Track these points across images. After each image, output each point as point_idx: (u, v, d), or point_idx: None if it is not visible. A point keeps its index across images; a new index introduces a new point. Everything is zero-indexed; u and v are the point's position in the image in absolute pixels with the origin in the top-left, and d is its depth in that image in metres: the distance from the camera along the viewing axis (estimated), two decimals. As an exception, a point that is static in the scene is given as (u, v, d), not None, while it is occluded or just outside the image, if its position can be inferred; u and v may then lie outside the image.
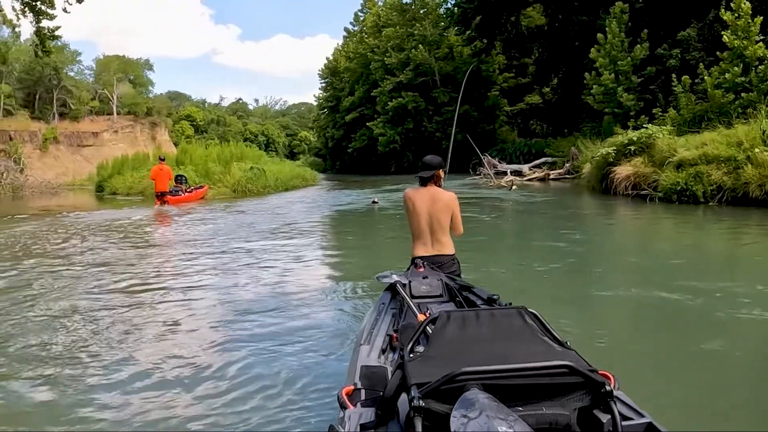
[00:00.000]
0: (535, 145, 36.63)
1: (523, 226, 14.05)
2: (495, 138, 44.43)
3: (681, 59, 24.46)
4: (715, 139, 15.86)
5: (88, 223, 15.65)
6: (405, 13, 51.10)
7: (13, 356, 5.00)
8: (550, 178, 28.62)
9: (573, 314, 5.85)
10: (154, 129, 62.45)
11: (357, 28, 62.92)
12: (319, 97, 75.95)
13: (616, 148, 18.94)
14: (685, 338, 5.21)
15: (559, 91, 40.70)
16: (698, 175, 15.19)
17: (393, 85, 48.81)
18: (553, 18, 39.47)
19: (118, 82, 61.50)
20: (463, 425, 1.83)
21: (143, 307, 6.67)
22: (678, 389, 4.14)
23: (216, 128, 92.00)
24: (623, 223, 14.16)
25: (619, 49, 25.60)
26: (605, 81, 25.74)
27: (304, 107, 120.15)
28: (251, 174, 27.01)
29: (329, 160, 70.00)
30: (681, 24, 25.39)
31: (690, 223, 13.09)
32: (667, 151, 16.74)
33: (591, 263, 8.76)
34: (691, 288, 6.70)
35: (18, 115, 50.17)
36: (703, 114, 18.64)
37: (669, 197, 15.62)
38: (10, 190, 34.22)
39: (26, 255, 10.44)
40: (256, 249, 10.73)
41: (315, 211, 19.07)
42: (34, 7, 24.77)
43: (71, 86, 56.31)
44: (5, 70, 49.76)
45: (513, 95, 47.61)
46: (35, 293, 7.29)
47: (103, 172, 34.10)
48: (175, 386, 4.34)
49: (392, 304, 4.23)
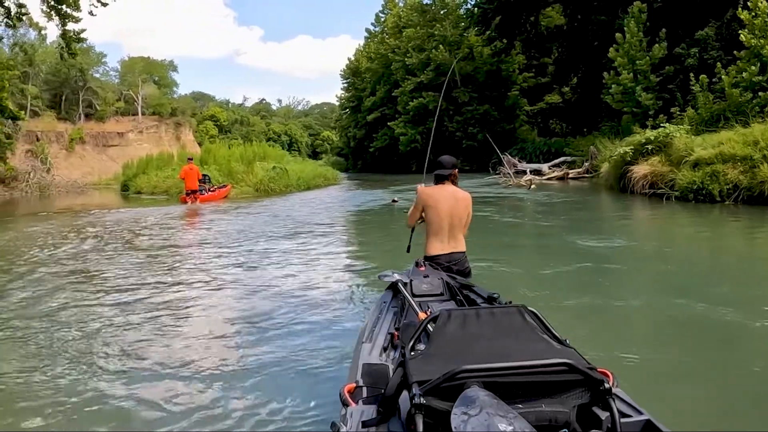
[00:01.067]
0: (555, 144, 36.55)
1: (540, 225, 14.03)
2: (515, 137, 44.42)
3: (699, 58, 24.29)
4: (731, 138, 15.76)
5: (122, 220, 16.24)
6: (425, 13, 51.27)
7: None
8: (569, 177, 28.55)
9: (591, 319, 5.81)
10: (179, 129, 62.70)
11: (378, 28, 63.01)
12: (340, 97, 76.19)
13: (633, 148, 18.89)
14: (708, 348, 5.04)
15: (579, 90, 40.52)
16: (714, 174, 15.11)
17: (414, 85, 48.97)
18: (572, 18, 39.30)
19: (143, 83, 61.89)
20: (464, 422, 1.85)
21: (157, 298, 6.99)
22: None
23: (240, 128, 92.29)
24: (640, 222, 14.14)
25: (638, 48, 25.45)
26: (624, 80, 25.61)
27: (327, 107, 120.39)
28: (273, 173, 27.22)
29: (351, 159, 70.14)
30: (699, 23, 25.19)
31: (706, 222, 13.04)
32: (683, 150, 16.66)
33: (607, 263, 8.60)
34: (711, 292, 6.60)
35: (45, 116, 50.56)
36: (721, 113, 18.52)
37: (685, 196, 15.57)
38: (38, 189, 34.72)
39: (55, 247, 10.77)
40: (271, 248, 10.85)
41: (334, 210, 19.26)
42: (59, 11, 25.23)
43: (97, 87, 56.71)
44: (32, 72, 50.18)
45: (533, 95, 47.51)
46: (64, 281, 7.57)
47: (129, 171, 34.58)
48: (177, 379, 4.40)
49: (393, 302, 4.24)
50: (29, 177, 34.86)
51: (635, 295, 6.82)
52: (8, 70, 31.18)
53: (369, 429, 2.22)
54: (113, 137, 54.69)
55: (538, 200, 19.49)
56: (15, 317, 6.24)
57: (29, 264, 9.51)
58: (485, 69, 46.97)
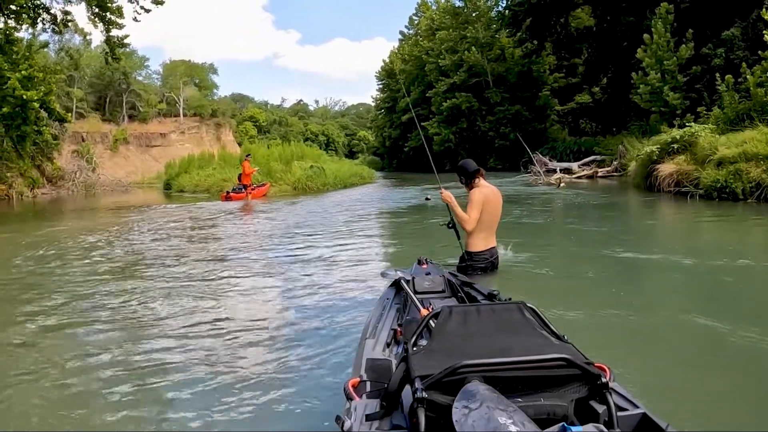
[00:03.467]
0: (585, 143, 36.50)
1: (568, 223, 14.16)
2: (546, 137, 44.40)
3: (725, 58, 24.18)
4: (754, 137, 15.77)
5: (173, 215, 17.06)
6: (458, 16, 51.40)
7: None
8: (598, 175, 28.53)
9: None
10: (219, 130, 63.71)
11: (412, 31, 63.40)
12: (376, 98, 76.59)
13: (660, 147, 18.94)
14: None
15: (608, 90, 40.29)
16: (737, 172, 15.14)
17: (447, 86, 49.22)
18: (601, 19, 39.09)
19: (184, 85, 62.96)
20: (465, 416, 1.88)
21: (187, 286, 7.37)
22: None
23: (278, 128, 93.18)
24: (662, 221, 14.21)
25: (665, 49, 25.40)
26: (652, 80, 25.60)
27: (363, 108, 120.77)
28: (311, 172, 27.67)
29: (386, 158, 70.50)
30: (725, 23, 25.06)
31: (728, 219, 13.03)
32: (708, 149, 16.69)
33: (632, 260, 8.35)
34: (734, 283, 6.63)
35: (90, 117, 51.88)
36: (746, 112, 18.45)
37: (709, 194, 15.60)
38: (83, 188, 35.49)
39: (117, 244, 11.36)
40: (305, 244, 10.80)
41: (369, 207, 19.51)
42: (104, 18, 26.09)
43: (140, 90, 57.93)
44: (77, 75, 51.45)
45: (563, 95, 47.33)
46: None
47: (171, 170, 35.55)
48: (184, 372, 4.40)
49: (396, 299, 4.25)
50: (75, 176, 35.73)
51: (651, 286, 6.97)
52: (54, 74, 32.05)
53: (372, 422, 2.23)
54: (156, 138, 55.88)
55: (567, 198, 19.68)
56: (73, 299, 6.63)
57: (82, 256, 10.01)
58: (516, 70, 46.97)
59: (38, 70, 28.51)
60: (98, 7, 25.64)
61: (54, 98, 32.95)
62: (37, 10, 26.02)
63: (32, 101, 27.10)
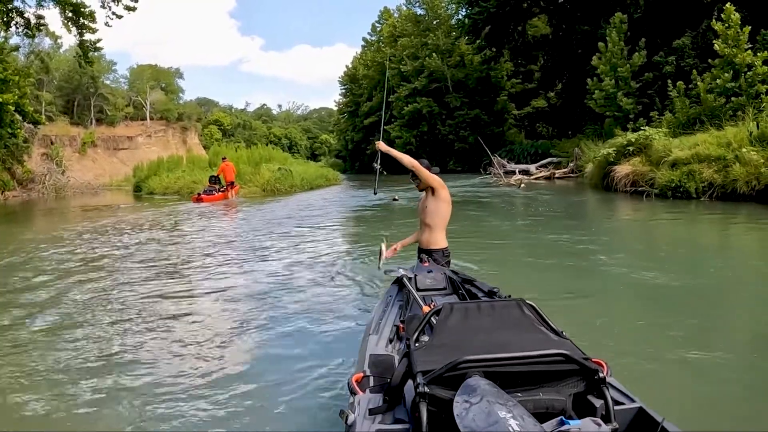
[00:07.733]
0: (542, 146, 36.86)
1: (531, 220, 14.25)
2: (504, 140, 44.71)
3: (676, 66, 24.74)
4: (706, 140, 16.19)
5: (146, 216, 16.48)
6: (419, 23, 51.61)
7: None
8: (555, 176, 28.91)
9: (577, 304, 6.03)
10: (185, 133, 62.62)
11: (374, 37, 63.20)
12: (339, 102, 76.22)
13: (616, 149, 19.29)
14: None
15: (563, 95, 40.91)
16: (691, 173, 15.52)
17: (408, 91, 49.25)
18: (557, 28, 39.68)
19: (151, 89, 61.69)
20: (465, 410, 1.89)
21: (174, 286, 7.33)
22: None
23: (242, 132, 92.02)
24: (623, 216, 14.45)
25: (619, 56, 25.81)
26: (606, 86, 26.00)
27: (325, 112, 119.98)
28: (279, 174, 27.33)
29: (349, 161, 70.10)
30: (676, 33, 25.64)
31: (683, 216, 13.32)
32: (662, 152, 17.04)
33: (594, 252, 8.84)
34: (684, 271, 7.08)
35: (58, 120, 50.34)
36: (696, 117, 18.90)
37: (664, 193, 15.97)
38: (53, 190, 34.69)
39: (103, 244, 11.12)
40: (281, 244, 10.81)
41: (339, 207, 19.53)
42: (78, 22, 25.47)
43: (107, 93, 56.56)
44: (46, 79, 50.25)
45: (520, 100, 47.88)
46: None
47: (140, 173, 34.90)
48: (188, 369, 4.41)
49: (399, 296, 4.22)
50: (45, 179, 34.89)
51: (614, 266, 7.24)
52: (27, 77, 31.26)
53: (376, 416, 2.24)
54: (123, 141, 54.73)
55: (527, 197, 19.89)
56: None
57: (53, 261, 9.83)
58: (476, 75, 47.25)
59: (13, 73, 27.74)
60: (72, 11, 24.99)
61: (27, 101, 32.06)
62: (10, 13, 25.23)
63: (8, 104, 26.33)
